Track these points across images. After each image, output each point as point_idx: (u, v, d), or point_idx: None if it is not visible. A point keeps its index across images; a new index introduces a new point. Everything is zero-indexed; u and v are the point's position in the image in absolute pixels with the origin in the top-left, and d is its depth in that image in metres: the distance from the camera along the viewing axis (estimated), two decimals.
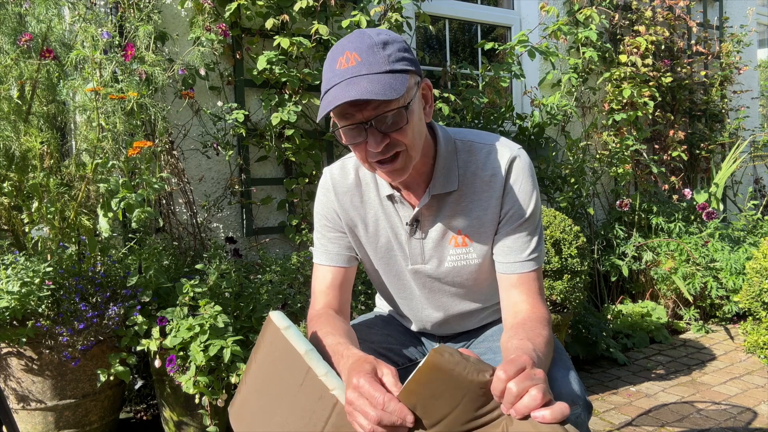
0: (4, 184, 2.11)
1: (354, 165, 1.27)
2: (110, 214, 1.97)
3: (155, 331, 2.03)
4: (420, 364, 0.85)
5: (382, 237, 1.27)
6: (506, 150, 1.19)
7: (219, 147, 2.70)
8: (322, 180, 1.29)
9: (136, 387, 2.54)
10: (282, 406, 1.00)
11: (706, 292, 3.55)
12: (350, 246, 1.29)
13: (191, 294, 2.06)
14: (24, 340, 1.94)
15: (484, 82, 3.30)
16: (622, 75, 3.99)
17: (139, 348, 2.07)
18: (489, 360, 1.32)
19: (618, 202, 3.80)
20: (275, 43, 2.68)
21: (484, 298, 1.35)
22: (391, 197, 1.23)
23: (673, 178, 4.33)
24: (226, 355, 1.94)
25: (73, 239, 2.18)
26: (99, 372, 2.04)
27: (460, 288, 1.28)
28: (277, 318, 1.05)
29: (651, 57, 4.06)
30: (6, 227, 2.22)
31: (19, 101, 2.15)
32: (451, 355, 0.83)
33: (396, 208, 1.24)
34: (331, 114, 1.06)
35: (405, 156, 1.08)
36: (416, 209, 1.20)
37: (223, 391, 2.01)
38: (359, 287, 2.56)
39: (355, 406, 0.89)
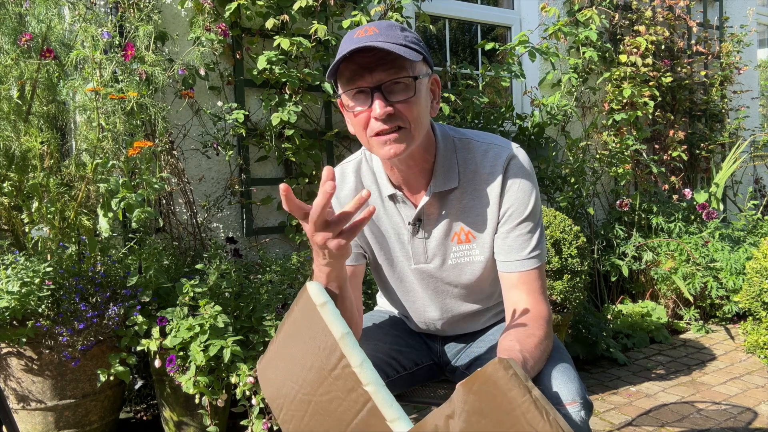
0: (4, 184, 2.11)
1: (353, 169, 1.26)
2: (110, 214, 1.97)
3: (155, 331, 2.03)
4: (477, 370, 0.79)
5: (385, 238, 1.27)
6: (504, 148, 1.19)
7: (219, 147, 2.70)
8: None
9: (136, 387, 2.54)
10: (309, 384, 0.97)
11: (706, 292, 3.55)
12: (357, 243, 1.28)
13: (191, 294, 2.06)
14: (24, 340, 1.94)
15: (484, 82, 3.30)
16: (622, 75, 3.99)
17: (139, 348, 2.07)
18: (489, 359, 1.32)
19: (618, 202, 3.80)
20: (275, 44, 2.68)
21: (487, 299, 1.35)
22: (393, 197, 1.23)
23: (673, 178, 4.33)
24: (226, 355, 1.94)
25: (73, 239, 2.18)
26: (99, 372, 2.04)
27: (463, 287, 1.28)
28: (314, 291, 0.97)
29: (651, 57, 4.05)
30: (6, 227, 2.22)
31: (19, 101, 2.15)
32: (515, 375, 0.75)
33: (398, 208, 1.24)
34: (339, 85, 1.08)
35: (406, 133, 1.07)
36: (418, 208, 1.20)
37: (223, 391, 2.01)
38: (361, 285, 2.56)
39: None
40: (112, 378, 2.05)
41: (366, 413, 0.91)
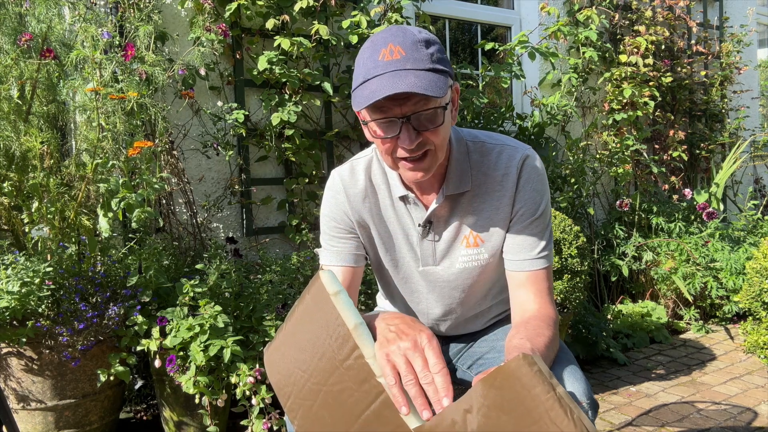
0: (4, 184, 2.11)
1: (364, 167, 1.25)
2: (110, 214, 1.97)
3: (155, 331, 2.03)
4: (500, 365, 0.77)
5: (393, 239, 1.27)
6: (517, 150, 1.19)
7: (219, 147, 2.70)
8: (330, 182, 1.28)
9: (136, 387, 2.54)
10: (320, 373, 0.96)
11: (706, 292, 3.55)
12: (360, 245, 1.28)
13: (191, 294, 2.06)
14: (24, 340, 1.93)
15: (484, 82, 3.30)
16: (623, 75, 3.99)
17: (139, 348, 2.07)
18: (491, 359, 1.32)
19: (618, 202, 3.80)
20: (276, 44, 2.68)
21: (493, 300, 1.35)
22: (404, 198, 1.22)
23: (673, 178, 4.33)
24: (226, 355, 1.94)
25: (73, 239, 2.18)
26: (99, 372, 2.04)
27: (470, 289, 1.28)
28: (327, 280, 0.96)
29: (651, 57, 4.06)
30: (6, 227, 2.22)
31: (19, 101, 2.15)
32: (540, 371, 0.74)
33: (408, 210, 1.23)
34: (365, 112, 1.06)
35: (432, 156, 1.08)
36: (429, 210, 1.20)
37: (223, 391, 2.01)
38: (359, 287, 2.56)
39: (408, 356, 0.90)
40: (112, 378, 2.05)
41: (379, 405, 0.90)
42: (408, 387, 0.88)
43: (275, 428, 2.02)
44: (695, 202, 4.01)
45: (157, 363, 2.04)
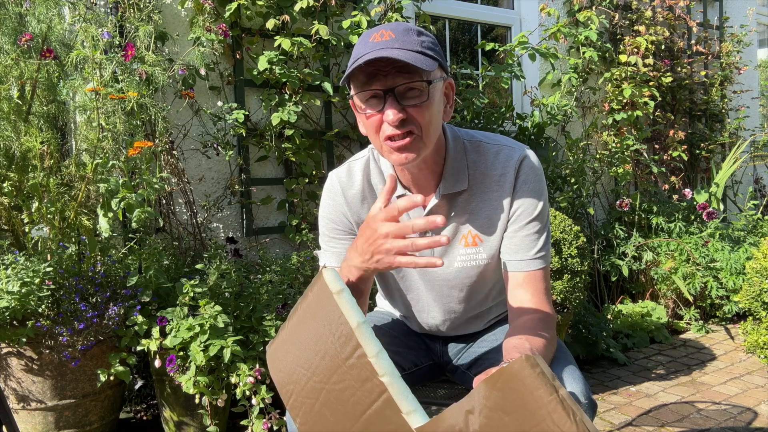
0: (4, 184, 2.11)
1: (361, 168, 1.26)
2: (110, 214, 1.98)
3: (155, 331, 2.04)
4: (502, 366, 0.77)
5: None
6: (515, 150, 1.19)
7: (219, 147, 2.70)
8: (328, 184, 1.28)
9: (136, 387, 2.54)
10: (322, 371, 0.96)
11: (706, 292, 3.55)
12: None
13: (191, 294, 2.06)
14: (24, 340, 1.94)
15: (484, 83, 3.30)
16: (623, 75, 3.99)
17: (139, 348, 2.07)
18: (490, 359, 1.32)
19: (618, 202, 3.80)
20: (276, 44, 2.68)
21: (491, 301, 1.35)
22: (401, 197, 1.22)
23: (673, 178, 4.33)
24: (226, 355, 1.94)
25: (73, 239, 2.18)
26: (99, 372, 2.04)
27: (467, 289, 1.28)
28: (330, 278, 0.95)
29: (651, 57, 4.05)
30: (6, 227, 2.22)
31: (19, 101, 2.15)
32: (542, 373, 0.74)
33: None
34: (352, 87, 1.08)
35: (417, 140, 1.07)
36: (427, 209, 1.20)
37: (223, 391, 2.01)
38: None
39: (389, 234, 0.96)
40: (112, 378, 2.05)
41: (381, 404, 0.90)
42: (415, 243, 0.95)
43: (275, 428, 2.02)
44: (695, 202, 4.01)
45: (157, 363, 2.05)
